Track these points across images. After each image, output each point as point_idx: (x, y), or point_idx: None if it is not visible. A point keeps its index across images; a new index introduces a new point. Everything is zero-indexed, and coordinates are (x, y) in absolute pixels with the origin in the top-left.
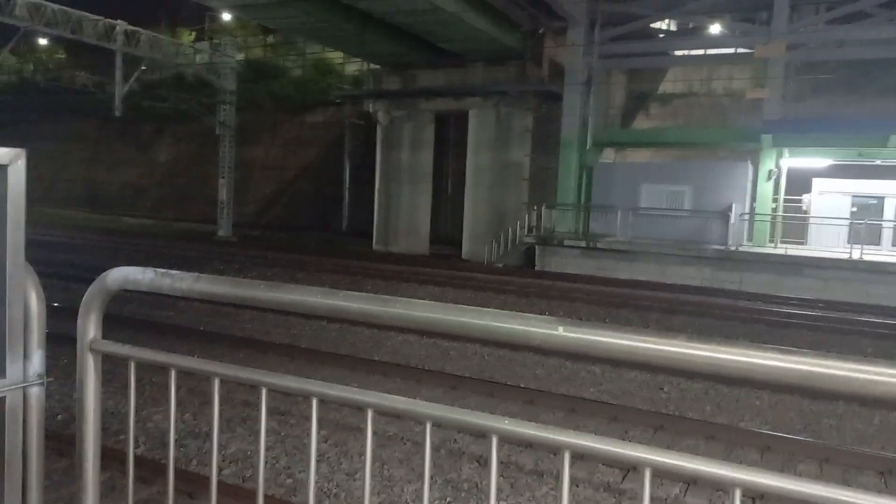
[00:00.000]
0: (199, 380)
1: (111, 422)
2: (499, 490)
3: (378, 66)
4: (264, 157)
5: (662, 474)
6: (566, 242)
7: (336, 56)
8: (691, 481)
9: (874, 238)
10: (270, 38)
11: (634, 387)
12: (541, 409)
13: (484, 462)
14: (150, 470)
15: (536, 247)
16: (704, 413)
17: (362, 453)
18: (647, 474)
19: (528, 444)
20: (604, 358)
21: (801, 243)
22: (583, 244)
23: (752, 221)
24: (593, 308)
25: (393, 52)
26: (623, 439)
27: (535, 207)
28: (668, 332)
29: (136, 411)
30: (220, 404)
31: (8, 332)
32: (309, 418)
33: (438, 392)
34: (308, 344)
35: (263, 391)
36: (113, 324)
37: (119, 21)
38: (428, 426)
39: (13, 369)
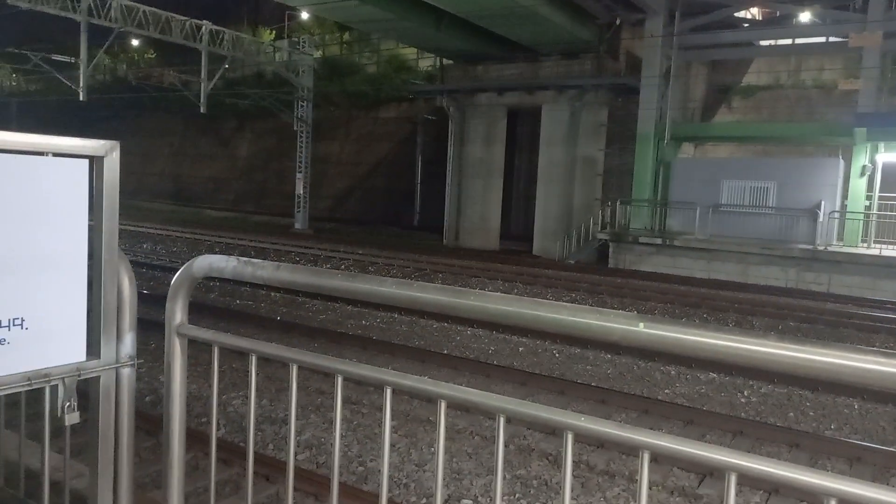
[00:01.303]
0: (276, 367)
1: (194, 405)
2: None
3: (451, 62)
4: (339, 152)
5: (749, 481)
6: (641, 239)
7: (410, 52)
8: (774, 490)
9: None
10: (346, 36)
11: (711, 389)
12: (613, 408)
13: (553, 459)
14: (230, 452)
15: (610, 243)
16: (787, 419)
17: (432, 444)
18: (733, 480)
19: (601, 444)
20: (686, 356)
21: None
22: (658, 241)
23: (842, 220)
24: (668, 307)
25: (466, 47)
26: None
27: (609, 203)
28: (756, 331)
29: (218, 395)
30: (296, 391)
31: (103, 315)
32: (381, 408)
33: (508, 388)
34: (380, 335)
35: (339, 379)
36: (197, 312)
37: (204, 21)
38: (501, 420)
39: (107, 350)
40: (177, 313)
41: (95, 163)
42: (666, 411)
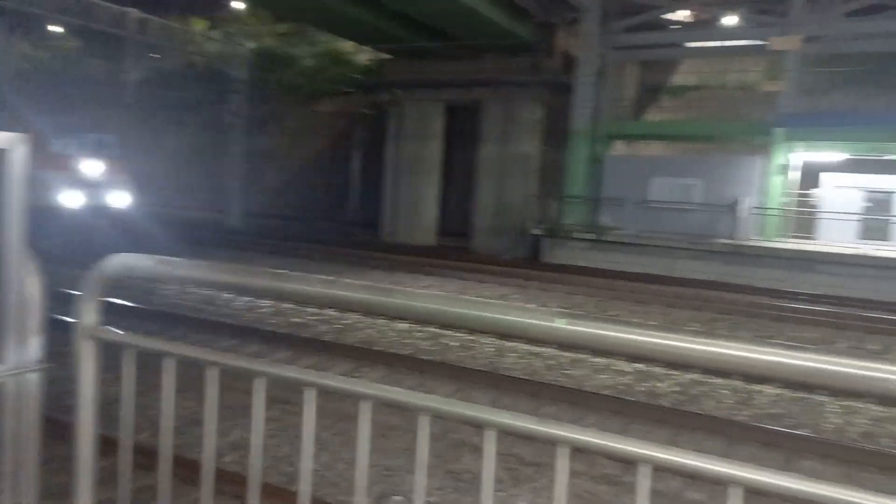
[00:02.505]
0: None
1: (118, 409)
2: (499, 481)
3: (389, 56)
4: (274, 146)
5: (663, 470)
6: (574, 235)
7: (348, 45)
8: (690, 476)
9: (886, 233)
10: (283, 28)
11: (635, 379)
12: (543, 401)
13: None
14: (154, 457)
15: (545, 239)
16: (703, 407)
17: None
18: (647, 471)
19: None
20: (606, 351)
21: (812, 238)
22: (591, 237)
23: (762, 216)
24: (597, 301)
25: (404, 42)
26: (625, 433)
27: (546, 199)
28: (669, 327)
29: (141, 398)
30: (224, 392)
31: (8, 317)
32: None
33: (442, 383)
34: (312, 334)
35: (259, 381)
36: (127, 312)
37: (131, 8)
38: (425, 418)
39: (12, 355)
40: (87, 315)
41: (1, 157)
42: (592, 402)
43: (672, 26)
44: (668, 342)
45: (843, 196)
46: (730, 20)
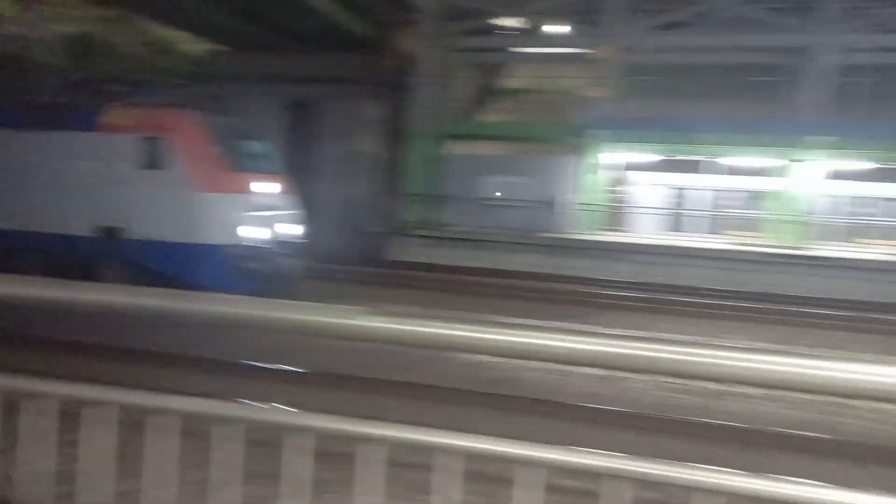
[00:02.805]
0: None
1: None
2: (336, 482)
3: (225, 48)
4: None
5: (473, 458)
6: (415, 232)
7: (180, 35)
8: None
9: (686, 225)
10: (105, 13)
11: (471, 371)
12: (429, 402)
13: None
14: None
15: (387, 236)
16: (550, 394)
17: (211, 464)
18: (459, 466)
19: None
20: (425, 347)
21: (624, 231)
22: (429, 234)
23: (578, 211)
24: (437, 295)
25: (239, 33)
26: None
27: (387, 198)
28: (487, 320)
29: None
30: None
31: None
32: (164, 432)
33: (289, 388)
34: (137, 342)
35: (47, 402)
36: None
37: None
38: (234, 429)
39: None
40: None
41: None
42: (464, 398)
43: (508, 32)
44: (484, 335)
45: (650, 192)
46: (560, 29)
